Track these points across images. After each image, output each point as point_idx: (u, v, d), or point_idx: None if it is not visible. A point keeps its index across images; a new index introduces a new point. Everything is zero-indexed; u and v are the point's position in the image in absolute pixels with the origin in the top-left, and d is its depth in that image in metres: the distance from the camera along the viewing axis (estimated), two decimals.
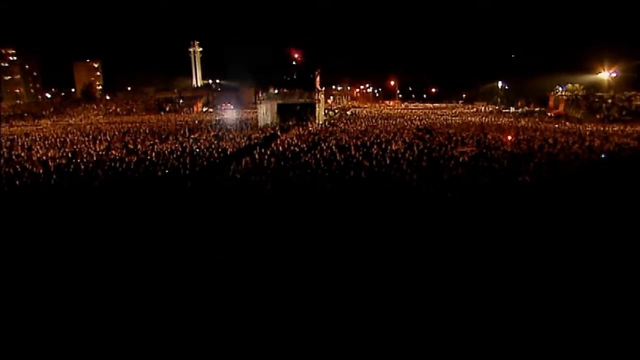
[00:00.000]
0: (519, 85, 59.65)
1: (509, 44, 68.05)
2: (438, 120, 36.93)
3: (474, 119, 38.73)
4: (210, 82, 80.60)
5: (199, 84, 79.19)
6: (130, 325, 5.71)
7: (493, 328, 5.54)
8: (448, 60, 71.44)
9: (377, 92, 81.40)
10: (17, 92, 77.59)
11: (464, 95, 70.32)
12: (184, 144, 23.52)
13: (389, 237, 8.44)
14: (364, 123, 35.25)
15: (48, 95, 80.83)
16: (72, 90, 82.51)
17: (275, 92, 42.00)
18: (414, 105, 63.10)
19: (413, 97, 78.68)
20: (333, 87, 73.66)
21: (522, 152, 19.01)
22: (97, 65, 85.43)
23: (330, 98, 64.97)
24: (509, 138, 23.68)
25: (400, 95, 78.48)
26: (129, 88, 75.63)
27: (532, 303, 6.05)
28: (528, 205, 10.59)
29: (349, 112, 49.12)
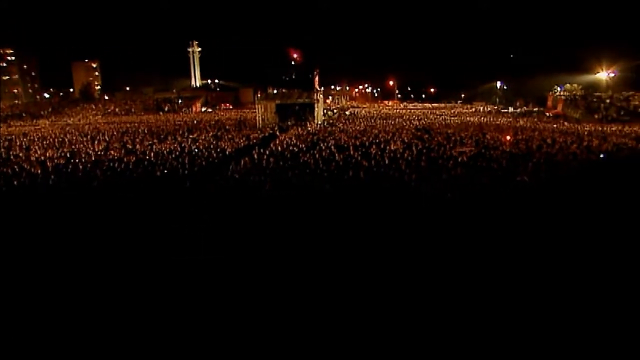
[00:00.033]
0: (518, 85, 59.87)
1: (508, 44, 68.38)
2: (437, 120, 36.94)
3: (473, 119, 38.77)
4: (209, 82, 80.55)
5: (198, 84, 79.06)
6: (130, 326, 5.71)
7: (493, 328, 5.55)
8: (447, 60, 71.64)
9: (376, 92, 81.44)
10: (15, 92, 77.16)
11: (463, 95, 70.42)
12: (183, 144, 23.46)
13: (388, 237, 8.45)
14: (363, 123, 35.27)
15: (46, 95, 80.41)
16: (70, 90, 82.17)
17: (274, 92, 42.02)
18: (413, 105, 63.18)
19: (412, 97, 78.75)
20: (332, 87, 73.70)
21: (520, 152, 19.04)
22: (95, 65, 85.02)
23: (329, 98, 64.92)
24: (508, 138, 23.69)
25: (399, 95, 78.54)
26: (128, 88, 75.56)
27: (531, 303, 6.06)
28: (526, 205, 10.61)
29: (348, 112, 49.10)
